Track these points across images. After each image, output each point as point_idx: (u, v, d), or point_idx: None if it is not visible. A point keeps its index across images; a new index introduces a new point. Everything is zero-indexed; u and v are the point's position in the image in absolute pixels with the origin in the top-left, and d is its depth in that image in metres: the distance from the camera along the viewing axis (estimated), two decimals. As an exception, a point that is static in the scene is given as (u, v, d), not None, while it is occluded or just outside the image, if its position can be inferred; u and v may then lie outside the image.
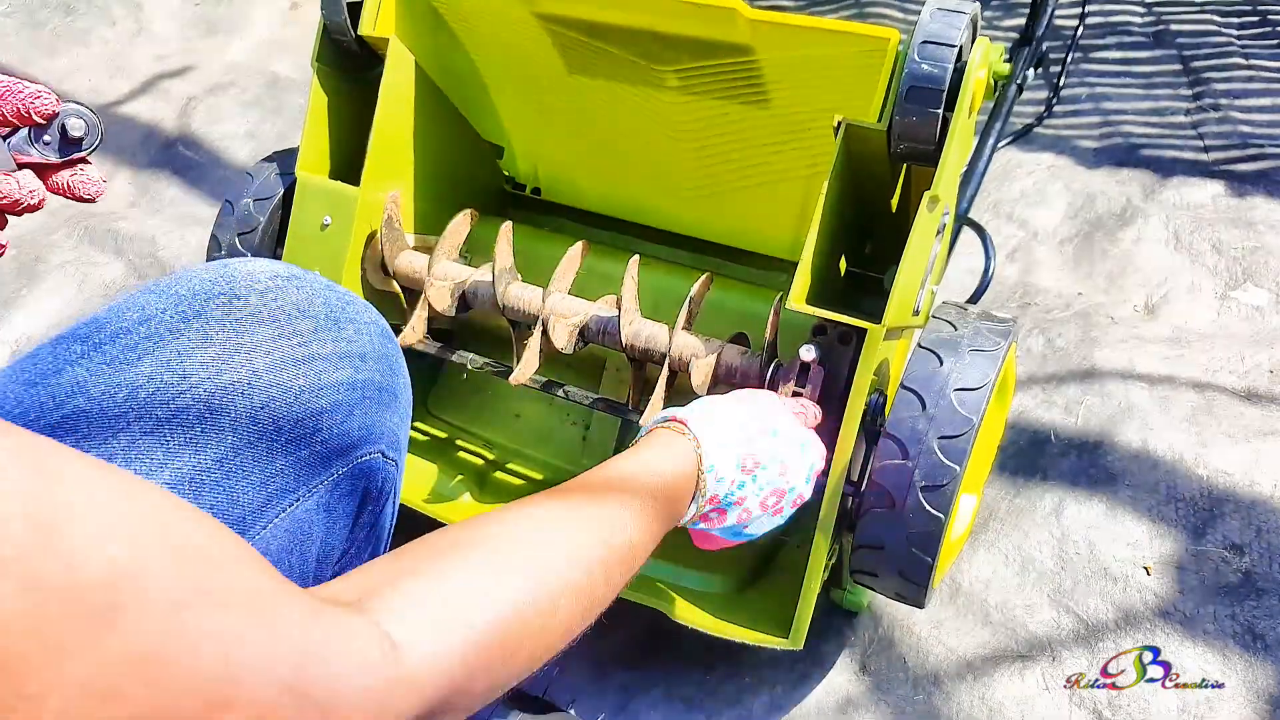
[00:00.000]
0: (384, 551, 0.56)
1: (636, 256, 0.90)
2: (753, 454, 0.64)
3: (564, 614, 0.45)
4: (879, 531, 0.79)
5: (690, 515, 0.61)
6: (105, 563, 0.27)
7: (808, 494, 0.72)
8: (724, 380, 0.87)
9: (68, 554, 0.26)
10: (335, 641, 0.34)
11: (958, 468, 0.75)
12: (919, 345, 0.81)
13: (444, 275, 0.97)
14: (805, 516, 1.03)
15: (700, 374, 0.86)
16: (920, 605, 0.84)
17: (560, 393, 0.97)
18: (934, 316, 0.85)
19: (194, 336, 0.44)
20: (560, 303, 0.92)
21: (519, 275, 0.96)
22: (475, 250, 1.10)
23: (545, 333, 0.91)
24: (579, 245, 0.92)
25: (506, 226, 0.95)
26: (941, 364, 0.78)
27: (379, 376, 0.50)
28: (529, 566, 0.44)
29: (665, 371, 0.88)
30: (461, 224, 0.99)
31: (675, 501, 0.58)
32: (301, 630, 0.33)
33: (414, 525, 1.13)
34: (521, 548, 0.45)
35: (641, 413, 0.90)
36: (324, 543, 0.49)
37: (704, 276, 0.90)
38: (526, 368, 0.91)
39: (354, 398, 0.48)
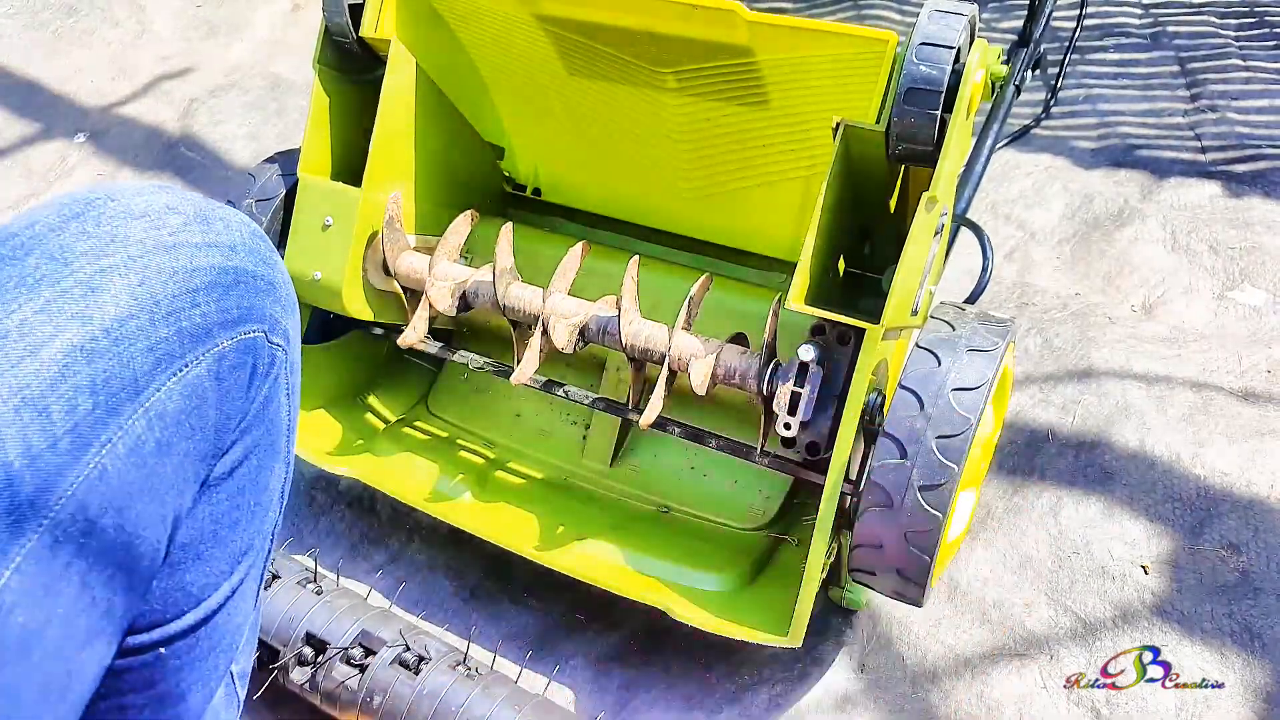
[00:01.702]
0: (286, 441, 0.60)
1: (636, 257, 0.90)
2: None
3: None
4: (877, 530, 0.79)
5: None
6: None
7: None
8: (723, 380, 0.88)
9: None
10: None
11: (955, 467, 0.76)
12: (917, 345, 0.81)
13: (445, 275, 0.98)
14: (805, 515, 1.04)
15: (700, 374, 0.87)
16: (918, 604, 0.85)
17: (560, 392, 0.97)
18: (932, 316, 0.86)
19: (74, 232, 0.48)
20: (560, 303, 0.92)
21: (519, 275, 0.96)
22: (476, 251, 1.11)
23: (545, 332, 0.92)
24: (579, 246, 0.93)
25: (507, 227, 0.96)
26: (940, 364, 0.79)
27: (251, 265, 0.53)
28: None
29: (665, 371, 0.88)
30: (462, 225, 1.00)
31: None
32: None
33: (415, 524, 1.14)
34: None
35: (641, 412, 0.90)
36: (220, 409, 0.52)
37: (703, 277, 0.90)
38: (527, 367, 0.92)
39: (227, 280, 0.52)
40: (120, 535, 0.46)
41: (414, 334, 0.98)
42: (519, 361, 0.93)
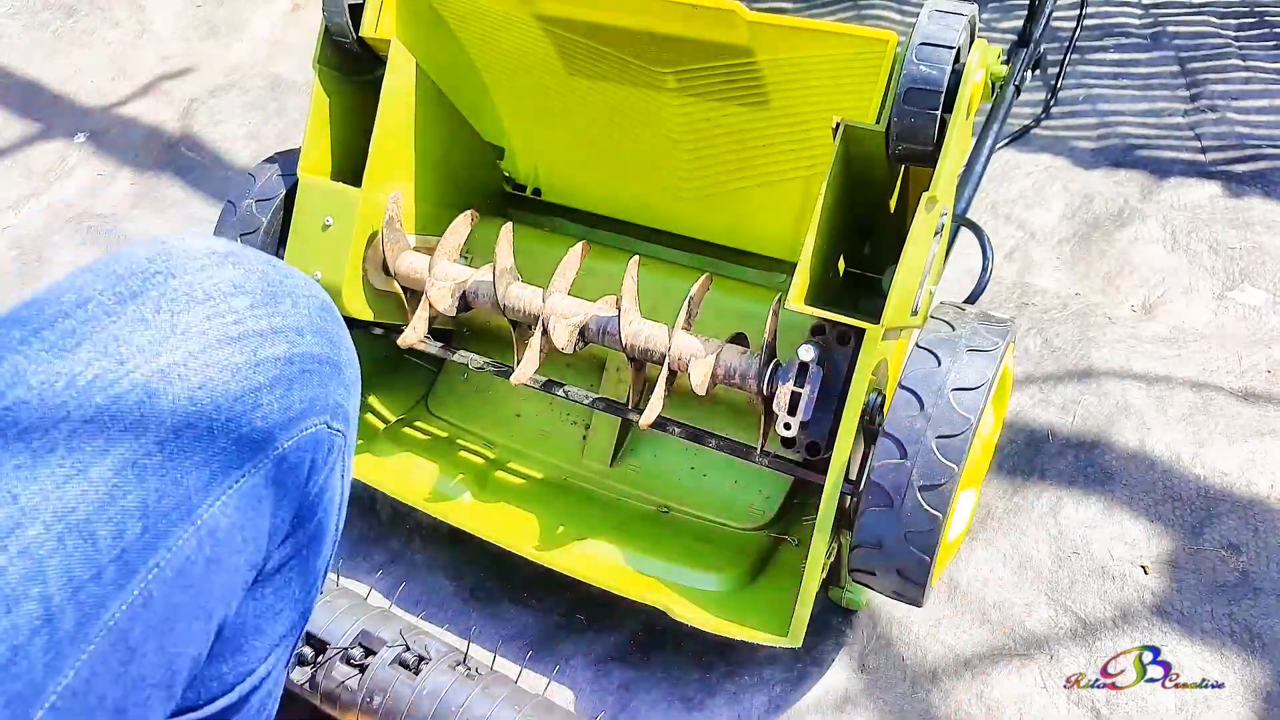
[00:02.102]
0: (336, 519, 0.55)
1: (636, 257, 0.90)
2: None
3: None
4: (877, 530, 0.79)
5: None
6: None
7: None
8: (723, 380, 0.88)
9: None
10: None
11: (955, 467, 0.76)
12: (917, 345, 0.81)
13: (445, 275, 0.98)
14: (805, 515, 1.04)
15: (699, 374, 0.87)
16: (918, 604, 0.85)
17: (560, 392, 0.97)
18: (932, 316, 0.86)
19: (131, 319, 0.43)
20: (560, 303, 0.92)
21: (519, 275, 0.96)
22: (475, 251, 1.11)
23: (545, 332, 0.92)
24: (579, 246, 0.93)
25: (507, 227, 0.96)
26: (940, 364, 0.79)
27: (318, 349, 0.49)
28: None
29: (665, 371, 0.88)
30: (462, 225, 1.00)
31: None
32: None
33: (415, 524, 1.14)
34: None
35: (642, 412, 0.90)
36: (274, 515, 0.48)
37: (703, 277, 0.90)
38: (527, 367, 0.92)
39: (292, 371, 0.47)
40: (161, 657, 0.43)
41: (414, 334, 0.98)
42: (519, 361, 0.93)
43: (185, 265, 0.46)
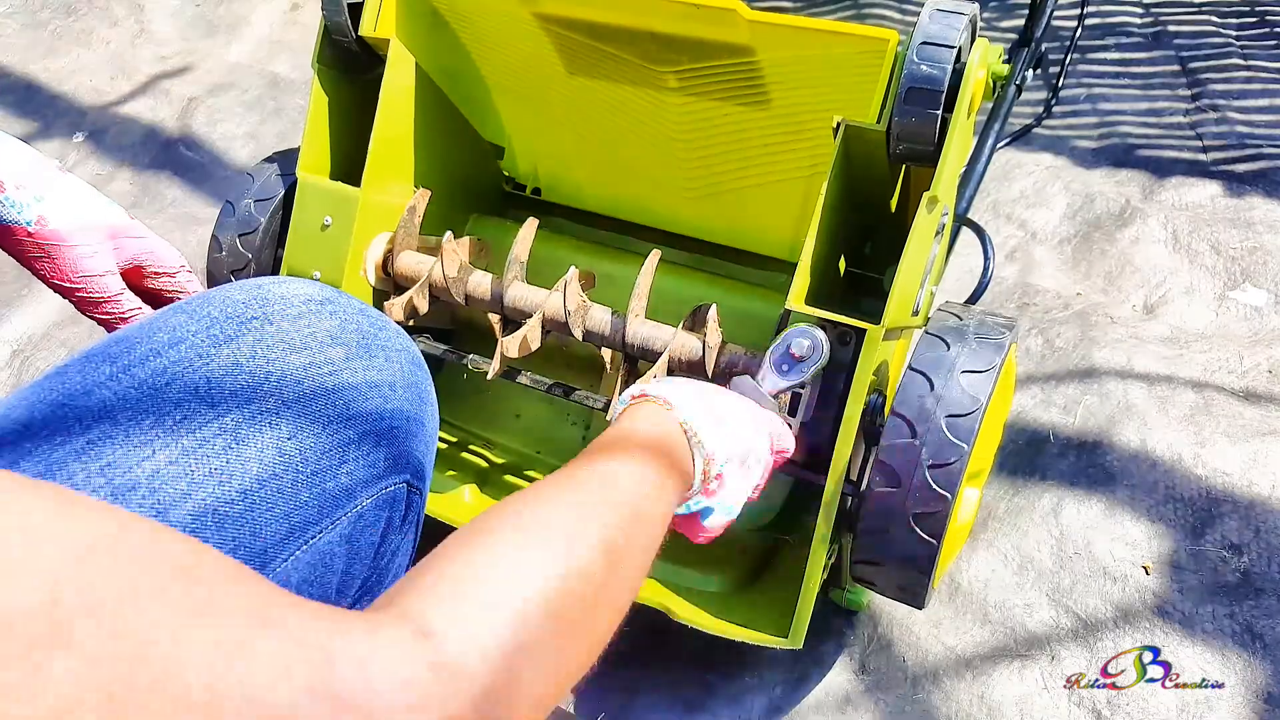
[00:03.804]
0: (410, 566, 0.55)
1: (657, 252, 0.90)
2: (720, 418, 0.63)
3: (608, 579, 0.44)
4: (884, 515, 0.78)
5: (697, 484, 0.60)
6: (40, 586, 0.24)
7: (767, 458, 0.70)
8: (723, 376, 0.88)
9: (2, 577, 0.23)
10: (360, 639, 0.32)
11: (965, 446, 0.75)
12: (926, 333, 0.81)
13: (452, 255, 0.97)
14: (805, 516, 1.03)
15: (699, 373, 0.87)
16: (920, 604, 0.84)
17: (560, 392, 0.97)
18: (934, 315, 0.86)
19: (225, 363, 0.43)
20: (523, 294, 0.92)
21: (523, 274, 0.96)
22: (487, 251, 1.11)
23: (547, 327, 0.91)
24: (528, 225, 0.93)
25: (531, 222, 0.95)
26: (949, 348, 0.79)
27: (407, 405, 0.49)
28: (561, 538, 0.42)
29: (664, 370, 0.88)
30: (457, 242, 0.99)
31: (680, 471, 0.57)
32: (318, 632, 0.31)
33: (414, 525, 1.14)
34: (549, 523, 0.43)
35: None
36: (344, 574, 0.48)
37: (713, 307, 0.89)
38: (513, 348, 0.91)
39: (381, 428, 0.47)
40: None
41: (398, 309, 0.96)
42: (496, 361, 0.92)
43: (283, 312, 0.45)
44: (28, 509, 0.26)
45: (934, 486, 0.76)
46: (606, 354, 0.97)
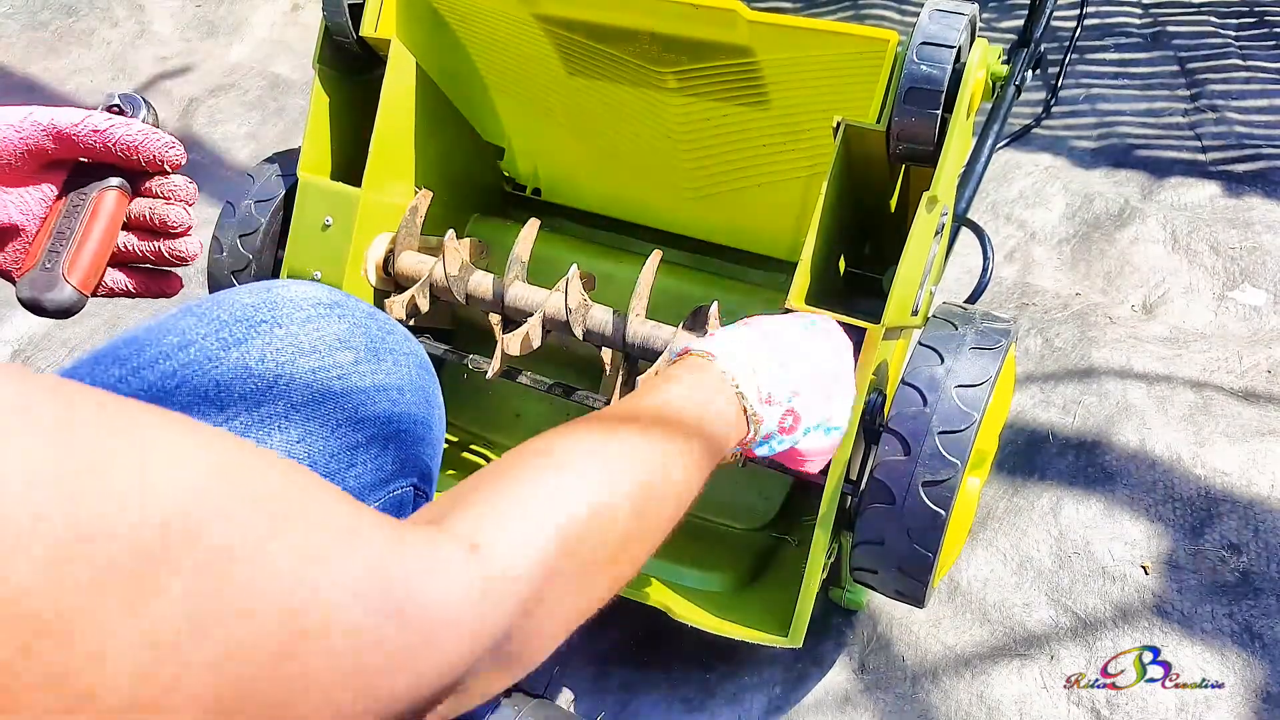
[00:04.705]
0: None
1: (659, 252, 0.90)
2: (780, 357, 0.63)
3: (636, 522, 0.45)
4: (879, 526, 0.79)
5: (768, 426, 0.60)
6: (161, 507, 0.26)
7: (853, 379, 0.71)
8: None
9: (117, 501, 0.25)
10: (420, 554, 0.34)
11: (959, 463, 0.76)
12: (920, 344, 0.81)
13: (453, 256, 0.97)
14: (805, 516, 1.04)
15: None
16: (920, 604, 0.85)
17: (560, 392, 0.97)
18: (933, 316, 0.86)
19: (234, 366, 0.43)
20: (523, 293, 0.92)
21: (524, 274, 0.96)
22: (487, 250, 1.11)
23: (549, 326, 0.91)
24: (530, 225, 0.92)
25: (533, 222, 0.95)
26: (943, 361, 0.79)
27: (415, 409, 0.49)
28: (597, 476, 0.44)
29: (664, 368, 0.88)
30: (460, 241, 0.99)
31: (717, 425, 0.56)
32: (386, 548, 0.32)
33: (415, 525, 1.14)
34: (587, 459, 0.45)
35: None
36: None
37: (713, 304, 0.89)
38: (514, 346, 0.91)
39: (388, 432, 0.47)
40: None
41: (399, 307, 0.96)
42: (497, 360, 0.93)
43: (291, 315, 0.45)
44: (150, 432, 0.27)
45: (928, 503, 0.76)
46: (606, 355, 0.97)
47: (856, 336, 0.80)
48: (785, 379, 0.62)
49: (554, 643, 0.42)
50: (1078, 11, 1.52)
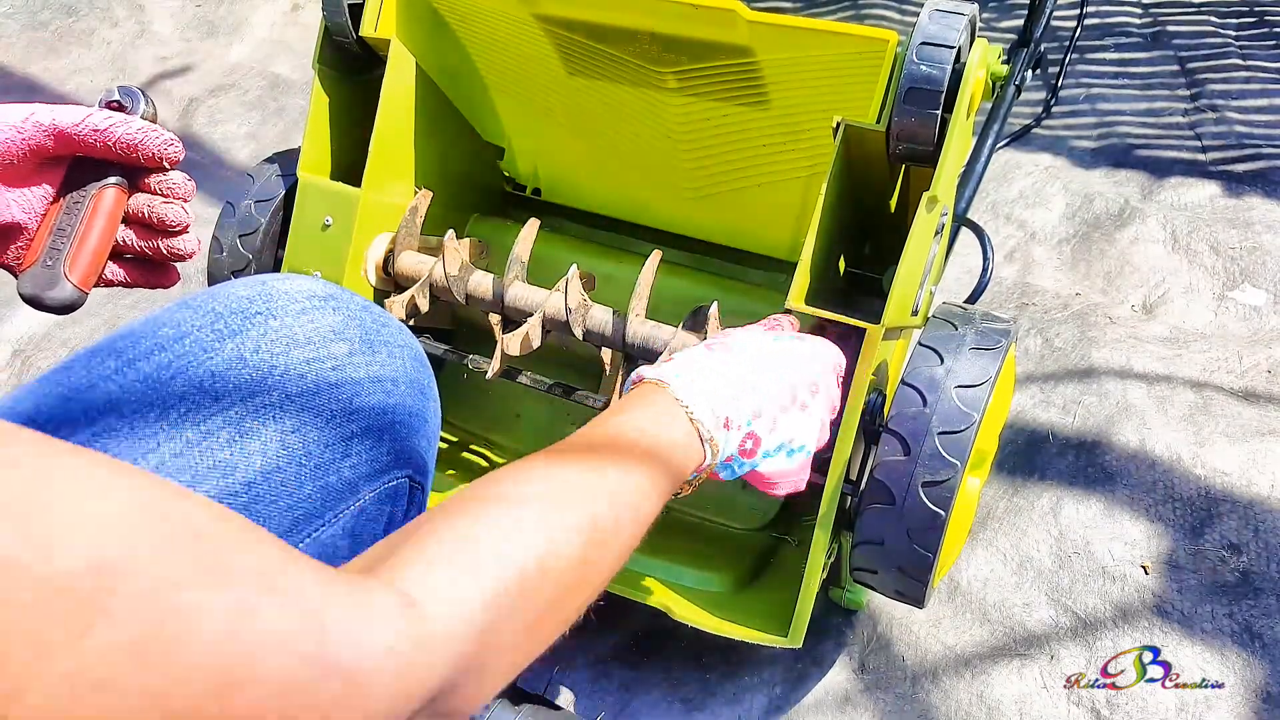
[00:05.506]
0: None
1: (659, 252, 0.90)
2: (738, 379, 0.61)
3: (585, 561, 0.44)
4: (879, 527, 0.79)
5: (726, 450, 0.59)
6: (87, 549, 0.25)
7: (833, 391, 0.68)
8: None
9: (43, 543, 0.25)
10: (353, 605, 0.33)
11: (958, 463, 0.76)
12: (919, 344, 0.81)
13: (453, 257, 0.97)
14: (805, 515, 1.04)
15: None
16: (920, 604, 0.85)
17: (560, 392, 0.97)
18: (933, 316, 0.86)
19: (229, 357, 0.43)
20: (523, 293, 0.92)
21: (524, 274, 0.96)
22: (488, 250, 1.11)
23: (549, 327, 0.91)
24: (530, 225, 0.92)
25: (533, 222, 0.95)
26: (942, 361, 0.79)
27: (410, 401, 0.49)
28: (542, 518, 0.43)
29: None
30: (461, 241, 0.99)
31: (672, 454, 0.55)
32: (317, 598, 0.32)
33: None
34: (537, 496, 0.44)
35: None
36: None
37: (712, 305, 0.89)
38: (514, 346, 0.91)
39: (384, 423, 0.47)
40: None
41: (399, 306, 0.96)
42: (497, 358, 0.93)
43: (286, 307, 0.45)
44: (77, 475, 0.27)
45: (927, 503, 0.76)
46: (606, 355, 0.97)
47: (856, 336, 0.80)
48: (744, 401, 0.60)
49: (495, 691, 0.40)
50: (1078, 11, 1.52)
